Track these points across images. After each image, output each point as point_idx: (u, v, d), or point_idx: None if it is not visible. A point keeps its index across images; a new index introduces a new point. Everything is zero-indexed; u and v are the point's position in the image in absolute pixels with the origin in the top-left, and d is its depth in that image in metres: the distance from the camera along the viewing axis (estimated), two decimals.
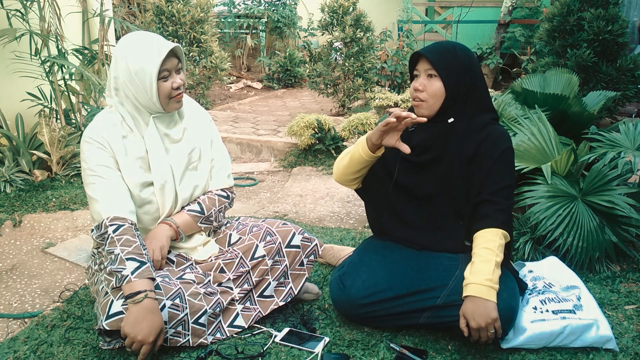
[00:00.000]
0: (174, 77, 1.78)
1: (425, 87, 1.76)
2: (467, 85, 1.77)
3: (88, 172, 1.77)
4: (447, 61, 1.75)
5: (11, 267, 2.54)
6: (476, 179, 1.78)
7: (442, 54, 1.76)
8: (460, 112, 1.78)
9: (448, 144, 1.80)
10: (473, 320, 1.60)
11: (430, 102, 1.76)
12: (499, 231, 1.71)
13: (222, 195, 1.98)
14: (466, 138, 1.79)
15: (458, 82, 1.75)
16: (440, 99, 1.76)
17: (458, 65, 1.76)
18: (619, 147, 2.54)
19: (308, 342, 1.79)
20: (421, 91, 1.77)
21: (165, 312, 1.65)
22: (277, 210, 3.25)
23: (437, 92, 1.75)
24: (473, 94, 1.79)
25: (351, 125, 4.24)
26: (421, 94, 1.77)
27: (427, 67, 1.76)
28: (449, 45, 1.81)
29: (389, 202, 1.91)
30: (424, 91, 1.76)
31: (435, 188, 1.82)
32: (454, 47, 1.80)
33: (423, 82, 1.77)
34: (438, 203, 1.83)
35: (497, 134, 1.79)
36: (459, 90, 1.76)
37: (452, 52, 1.77)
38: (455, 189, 1.80)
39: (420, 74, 1.78)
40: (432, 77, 1.76)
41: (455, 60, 1.76)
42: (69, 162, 3.57)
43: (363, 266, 1.87)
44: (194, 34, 5.93)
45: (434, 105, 1.77)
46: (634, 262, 2.36)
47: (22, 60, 3.39)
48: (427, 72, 1.76)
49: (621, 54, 4.07)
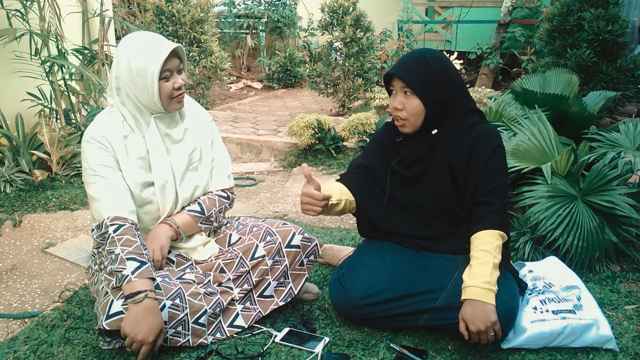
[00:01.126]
0: (176, 77, 1.78)
1: (404, 105, 1.74)
2: (446, 94, 1.75)
3: (89, 171, 1.77)
4: (422, 76, 1.72)
5: (11, 267, 2.54)
6: (470, 180, 1.77)
7: (415, 70, 1.72)
8: (443, 121, 1.78)
9: (435, 155, 1.79)
10: (472, 324, 1.59)
11: (412, 120, 1.76)
12: (495, 232, 1.71)
13: (222, 196, 1.98)
14: (455, 145, 1.78)
15: (436, 95, 1.73)
16: (421, 115, 1.75)
17: (434, 77, 1.72)
18: (619, 147, 2.54)
19: (308, 342, 1.79)
20: (400, 110, 1.75)
21: (165, 312, 1.65)
22: (277, 210, 3.25)
23: (416, 110, 1.74)
24: (454, 101, 1.78)
25: (351, 125, 4.24)
26: (401, 112, 1.76)
27: (402, 85, 1.73)
28: (421, 57, 1.75)
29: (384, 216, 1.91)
30: (403, 110, 1.75)
31: (428, 199, 1.83)
32: (426, 59, 1.74)
33: (401, 100, 1.75)
34: (433, 213, 1.84)
35: (486, 133, 1.78)
36: (438, 103, 1.74)
37: (426, 66, 1.73)
38: (447, 199, 1.80)
39: (397, 91, 1.76)
40: (408, 95, 1.74)
41: (430, 74, 1.72)
42: (69, 162, 3.57)
43: (362, 267, 1.87)
44: (194, 34, 5.93)
45: (416, 122, 1.76)
46: (634, 262, 2.36)
47: (22, 60, 3.39)
48: (402, 89, 1.74)
49: (621, 54, 4.07)
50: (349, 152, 4.30)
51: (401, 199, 1.87)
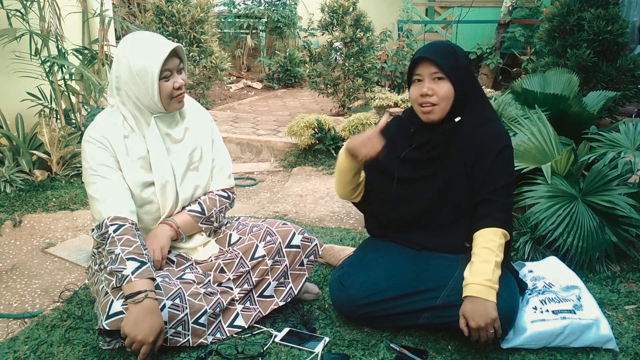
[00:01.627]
0: (176, 77, 1.78)
1: (434, 90, 1.72)
2: (469, 84, 1.77)
3: (89, 171, 1.77)
4: (452, 62, 1.73)
5: (11, 267, 2.54)
6: (476, 177, 1.78)
7: (446, 55, 1.74)
8: (465, 111, 1.78)
9: (453, 144, 1.79)
10: (472, 320, 1.60)
11: (443, 105, 1.74)
12: (498, 230, 1.71)
13: (222, 196, 1.98)
14: (470, 136, 1.78)
15: (463, 82, 1.75)
16: (450, 101, 1.74)
17: (461, 65, 1.75)
18: (619, 147, 2.54)
19: (308, 342, 1.79)
20: (430, 95, 1.73)
21: (165, 312, 1.65)
22: (277, 210, 3.25)
23: (448, 94, 1.72)
24: (474, 92, 1.80)
25: (351, 125, 4.24)
26: (431, 98, 1.73)
27: (433, 71, 1.72)
28: (449, 45, 1.79)
29: (391, 205, 1.90)
30: (433, 95, 1.72)
31: (437, 188, 1.81)
32: (452, 47, 1.79)
33: (430, 86, 1.72)
34: (440, 204, 1.83)
35: (496, 132, 1.79)
36: (464, 90, 1.75)
37: (454, 53, 1.76)
38: (457, 189, 1.80)
39: (425, 78, 1.74)
40: (439, 80, 1.72)
41: (458, 61, 1.75)
42: (69, 162, 3.57)
43: (363, 267, 1.87)
44: (194, 34, 5.93)
45: (445, 108, 1.74)
46: (634, 262, 2.36)
47: (22, 60, 3.39)
48: (432, 75, 1.72)
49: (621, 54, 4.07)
50: None
51: (409, 187, 1.85)
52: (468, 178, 1.79)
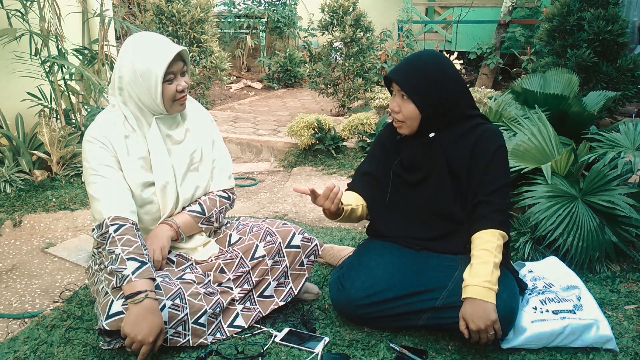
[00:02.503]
0: (179, 80, 1.78)
1: (400, 108, 1.77)
2: (444, 99, 1.75)
3: (90, 171, 1.77)
4: (418, 82, 1.73)
5: (11, 267, 2.54)
6: (472, 180, 1.78)
7: (411, 75, 1.73)
8: (441, 125, 1.79)
9: (434, 158, 1.81)
10: (472, 322, 1.60)
11: (408, 123, 1.79)
12: (496, 232, 1.71)
13: (223, 196, 1.99)
14: (455, 147, 1.79)
15: (433, 100, 1.74)
16: (417, 119, 1.77)
17: (430, 83, 1.73)
18: (619, 147, 2.54)
19: (308, 342, 1.79)
20: (397, 112, 1.78)
21: (166, 312, 1.65)
22: (277, 210, 3.25)
23: (411, 114, 1.76)
24: (453, 105, 1.78)
25: (351, 125, 4.24)
26: (397, 115, 1.79)
27: (398, 88, 1.76)
28: (420, 62, 1.76)
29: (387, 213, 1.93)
30: (399, 112, 1.78)
31: (429, 203, 1.84)
32: (424, 63, 1.75)
33: (398, 102, 1.77)
34: (433, 215, 1.84)
35: (488, 133, 1.79)
36: (436, 107, 1.75)
37: (423, 71, 1.73)
38: (447, 202, 1.81)
39: (395, 94, 1.79)
40: (405, 98, 1.76)
41: (426, 80, 1.73)
42: (69, 162, 3.57)
43: (362, 267, 1.87)
44: (194, 34, 5.93)
45: (412, 125, 1.79)
46: (634, 262, 2.36)
47: (22, 60, 3.39)
48: (399, 92, 1.77)
49: (621, 54, 4.08)
50: (349, 152, 4.30)
51: (402, 201, 1.89)
52: (459, 187, 1.80)
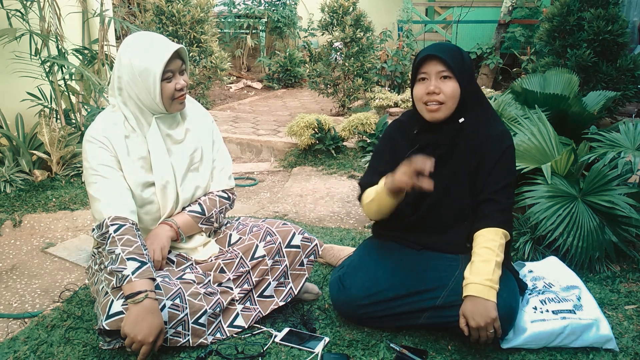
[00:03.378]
0: (178, 78, 1.78)
1: (440, 89, 1.71)
2: (473, 84, 1.78)
3: (90, 171, 1.77)
4: (459, 61, 1.73)
5: (11, 267, 2.54)
6: (479, 177, 1.78)
7: (453, 54, 1.74)
8: (468, 112, 1.78)
9: (458, 144, 1.79)
10: (472, 319, 1.60)
11: (449, 104, 1.72)
12: (499, 230, 1.71)
13: (222, 197, 1.99)
14: (473, 137, 1.78)
15: (469, 82, 1.75)
16: (456, 100, 1.73)
17: (466, 62, 1.76)
18: (619, 147, 2.54)
19: (308, 342, 1.79)
20: (437, 94, 1.71)
21: (165, 312, 1.65)
22: (277, 210, 3.25)
23: (454, 93, 1.71)
24: (476, 93, 1.80)
25: (351, 125, 4.24)
26: (438, 96, 1.71)
27: (440, 69, 1.71)
28: (453, 46, 1.80)
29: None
30: (440, 93, 1.71)
31: (443, 187, 1.80)
32: (458, 48, 1.79)
33: (436, 84, 1.71)
34: (445, 204, 1.82)
35: (499, 132, 1.79)
36: (469, 90, 1.75)
37: (460, 53, 1.76)
38: (462, 189, 1.80)
39: (431, 77, 1.72)
40: (446, 79, 1.71)
41: (464, 61, 1.75)
42: (69, 162, 3.57)
43: (363, 266, 1.87)
44: (194, 34, 5.93)
45: (452, 107, 1.73)
46: (634, 262, 2.36)
47: (22, 60, 3.39)
48: (440, 73, 1.71)
49: (621, 54, 4.08)
50: (349, 152, 4.30)
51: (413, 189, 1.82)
52: (471, 179, 1.79)
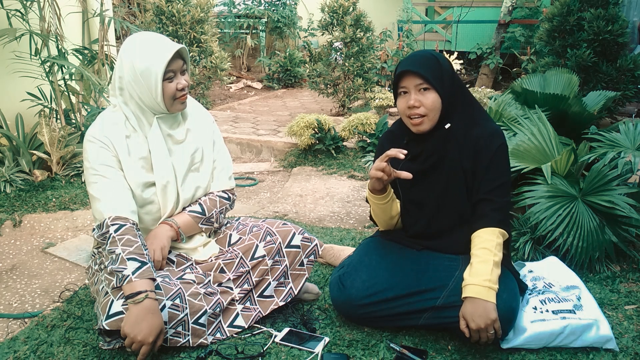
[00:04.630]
0: (179, 78, 1.79)
1: (420, 102, 1.72)
2: (454, 89, 1.76)
3: (90, 171, 1.77)
4: (436, 71, 1.72)
5: (11, 267, 2.54)
6: (473, 178, 1.78)
7: (429, 65, 1.72)
8: (454, 116, 1.78)
9: (447, 150, 1.79)
10: (473, 321, 1.60)
11: (431, 115, 1.73)
12: (496, 230, 1.71)
13: (223, 197, 1.99)
14: (463, 140, 1.78)
15: (449, 89, 1.74)
16: (438, 110, 1.74)
17: (444, 70, 1.74)
18: (619, 147, 2.54)
19: (308, 342, 1.79)
20: (418, 107, 1.73)
21: (166, 313, 1.65)
22: (277, 210, 3.25)
23: (435, 104, 1.72)
24: (460, 96, 1.79)
25: (351, 125, 4.24)
26: (419, 109, 1.73)
27: (418, 82, 1.71)
28: (430, 55, 1.77)
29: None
30: (420, 106, 1.72)
31: (440, 194, 1.81)
32: (434, 56, 1.76)
33: (416, 97, 1.72)
34: (443, 209, 1.83)
35: (490, 131, 1.78)
36: (451, 97, 1.75)
37: (436, 62, 1.74)
38: (459, 193, 1.80)
39: (411, 90, 1.73)
40: (425, 91, 1.72)
41: (442, 68, 1.74)
42: (69, 162, 3.57)
43: (363, 266, 1.87)
44: (194, 34, 5.93)
45: (434, 118, 1.74)
46: (634, 262, 2.36)
47: (22, 60, 3.39)
48: (418, 87, 1.72)
49: (621, 54, 4.08)
50: (349, 152, 4.30)
51: (410, 197, 1.86)
52: (467, 181, 1.79)
